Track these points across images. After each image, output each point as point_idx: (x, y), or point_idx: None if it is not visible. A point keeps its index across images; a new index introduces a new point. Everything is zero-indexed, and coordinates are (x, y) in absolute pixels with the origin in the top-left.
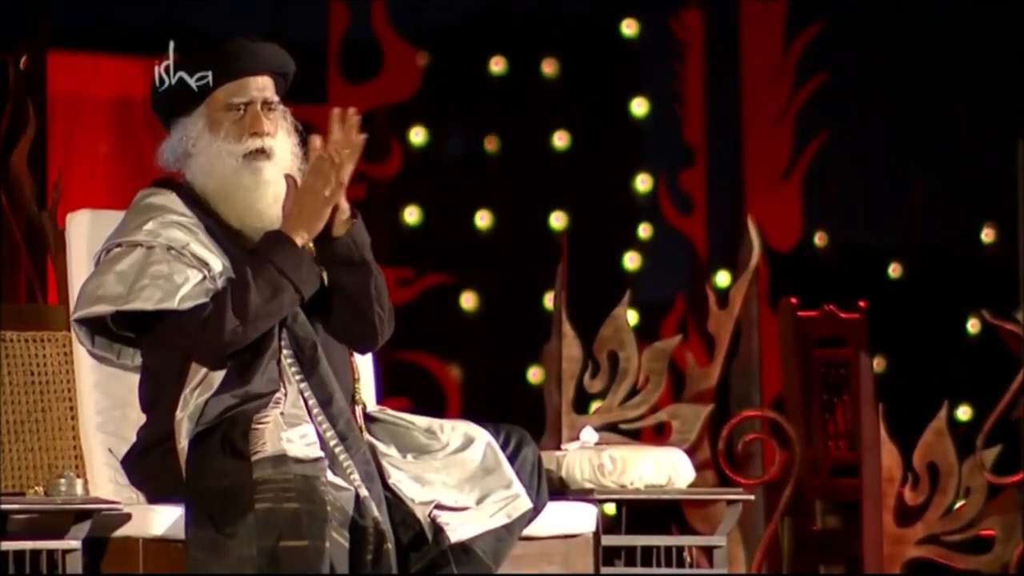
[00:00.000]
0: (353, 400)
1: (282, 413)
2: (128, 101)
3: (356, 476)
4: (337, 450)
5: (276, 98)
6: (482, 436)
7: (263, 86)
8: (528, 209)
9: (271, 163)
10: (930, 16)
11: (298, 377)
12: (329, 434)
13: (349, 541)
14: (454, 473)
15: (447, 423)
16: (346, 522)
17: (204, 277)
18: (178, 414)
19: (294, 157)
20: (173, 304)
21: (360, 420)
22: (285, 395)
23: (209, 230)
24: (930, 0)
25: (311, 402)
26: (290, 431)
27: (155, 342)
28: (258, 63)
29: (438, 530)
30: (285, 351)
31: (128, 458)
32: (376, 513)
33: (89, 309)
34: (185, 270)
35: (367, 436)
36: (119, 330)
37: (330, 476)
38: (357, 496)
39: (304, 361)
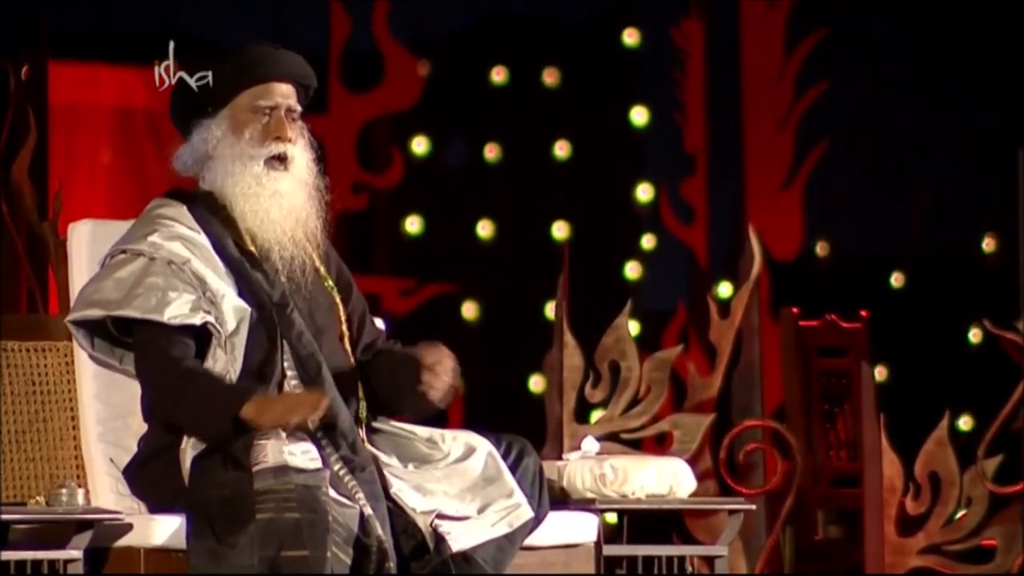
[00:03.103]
0: (357, 418)
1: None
2: (128, 110)
3: (361, 495)
4: (341, 472)
5: (299, 108)
6: (483, 446)
7: (287, 93)
8: (529, 219)
9: (289, 174)
10: (930, 24)
11: None
12: (333, 458)
13: (352, 558)
14: (455, 483)
15: (448, 433)
16: (350, 539)
17: (199, 297)
18: None
19: (310, 172)
20: (162, 317)
21: (363, 435)
22: None
23: (217, 247)
24: (930, 8)
25: (315, 425)
26: (292, 445)
27: (137, 350)
28: (284, 70)
29: (440, 539)
30: (289, 372)
31: (129, 468)
32: (380, 532)
33: (82, 312)
34: (180, 286)
35: (369, 447)
36: (121, 335)
37: (333, 494)
38: (361, 514)
39: (308, 381)
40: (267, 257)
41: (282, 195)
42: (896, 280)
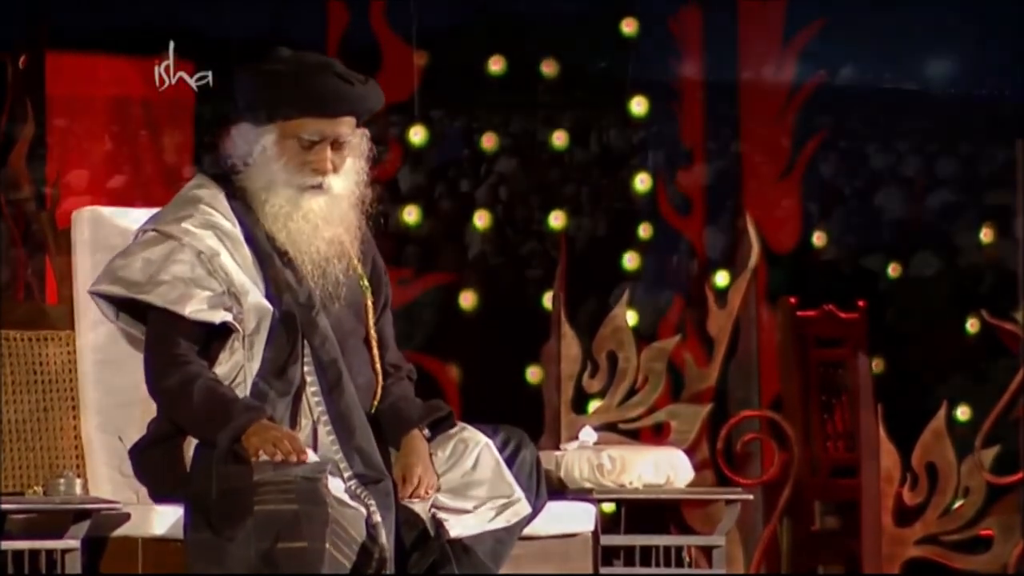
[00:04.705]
0: (375, 425)
1: None
2: (126, 101)
3: (372, 503)
4: (352, 485)
5: (350, 136)
6: (480, 441)
7: (339, 124)
8: (527, 209)
9: (324, 198)
10: (929, 14)
11: (319, 409)
12: (348, 474)
13: (352, 562)
14: (451, 479)
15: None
16: (350, 541)
17: (223, 292)
18: None
19: (356, 184)
20: (183, 311)
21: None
22: (300, 430)
23: (249, 240)
24: None
25: (330, 438)
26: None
27: (150, 337)
28: (344, 109)
29: (439, 524)
30: (309, 379)
31: (135, 449)
32: (384, 541)
33: (106, 287)
34: (205, 279)
35: None
36: (146, 309)
37: (339, 494)
38: (368, 519)
39: (327, 388)
40: (300, 261)
41: (315, 213)
42: (893, 270)
